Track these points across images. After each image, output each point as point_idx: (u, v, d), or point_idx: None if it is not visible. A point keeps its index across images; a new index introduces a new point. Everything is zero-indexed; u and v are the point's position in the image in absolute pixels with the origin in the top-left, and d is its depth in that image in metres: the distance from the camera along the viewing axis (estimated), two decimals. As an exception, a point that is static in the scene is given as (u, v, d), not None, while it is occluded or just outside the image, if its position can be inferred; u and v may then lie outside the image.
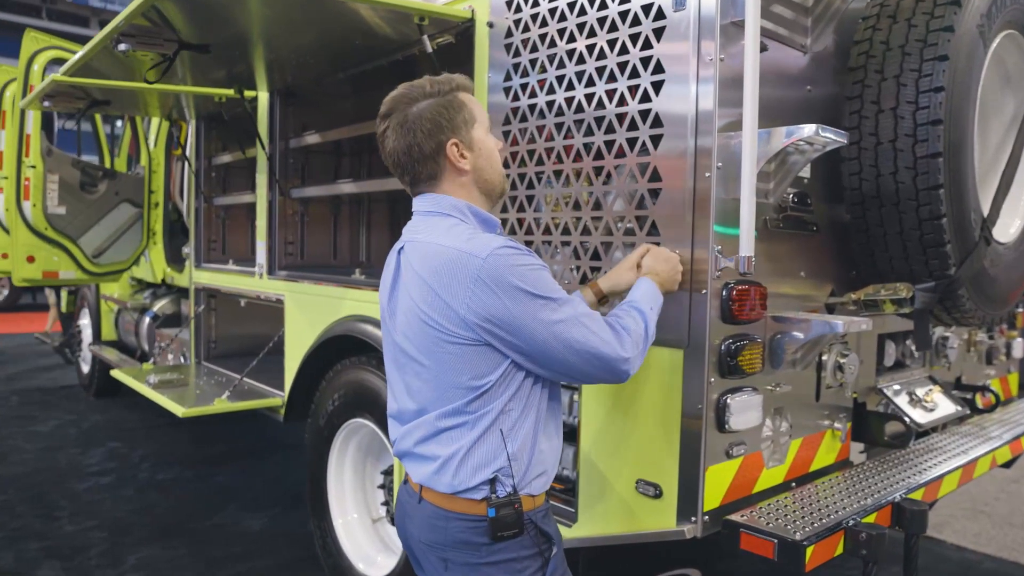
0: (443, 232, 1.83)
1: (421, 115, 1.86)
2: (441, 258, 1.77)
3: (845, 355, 2.78)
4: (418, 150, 1.87)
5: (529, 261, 1.75)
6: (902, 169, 2.50)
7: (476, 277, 1.70)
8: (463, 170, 1.91)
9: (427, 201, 1.94)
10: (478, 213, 1.93)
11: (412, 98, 1.88)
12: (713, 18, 2.27)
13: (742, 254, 2.18)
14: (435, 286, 1.76)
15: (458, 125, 1.89)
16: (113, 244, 6.55)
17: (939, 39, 2.44)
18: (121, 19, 3.05)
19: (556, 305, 1.74)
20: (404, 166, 1.91)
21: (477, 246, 1.74)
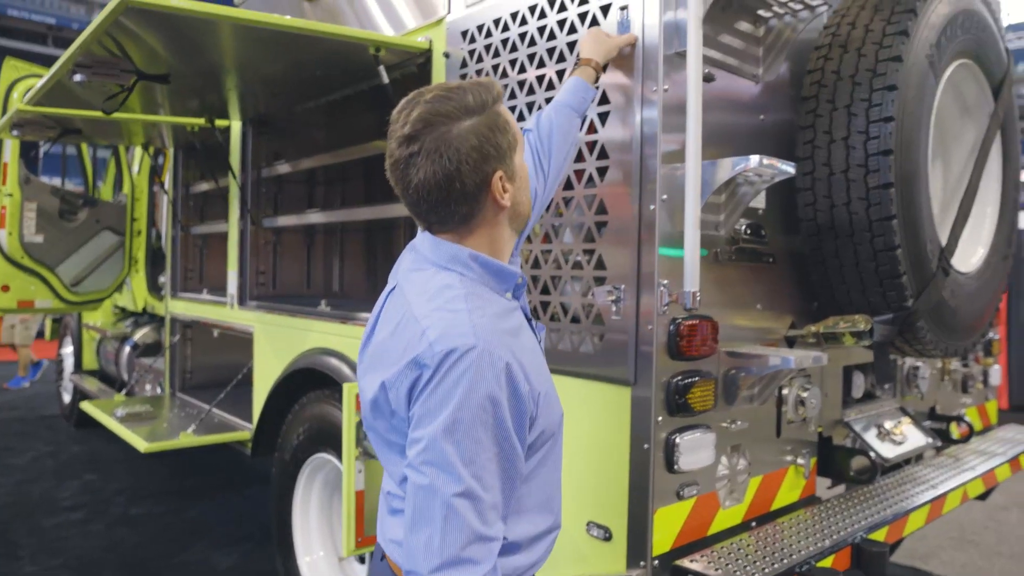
0: (429, 295, 1.47)
1: (467, 140, 1.44)
2: (408, 333, 1.44)
3: (807, 388, 2.72)
4: (460, 186, 1.45)
5: (485, 398, 1.34)
6: (855, 200, 2.46)
7: (425, 379, 1.36)
8: (502, 206, 1.53)
9: (427, 244, 1.56)
10: (489, 264, 1.54)
11: (450, 114, 1.45)
12: (656, 48, 2.24)
13: (687, 289, 2.14)
14: (395, 362, 1.44)
15: (505, 151, 1.51)
16: (93, 272, 6.51)
17: (888, 69, 2.41)
18: (75, 48, 3.02)
19: (459, 471, 1.32)
20: (436, 204, 1.49)
21: (447, 335, 1.37)
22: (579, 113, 2.22)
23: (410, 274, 1.56)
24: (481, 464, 1.33)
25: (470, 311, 1.41)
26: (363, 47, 2.99)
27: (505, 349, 1.39)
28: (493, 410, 1.34)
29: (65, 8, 44.86)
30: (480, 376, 1.34)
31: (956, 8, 2.65)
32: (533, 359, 1.50)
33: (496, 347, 1.37)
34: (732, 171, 2.22)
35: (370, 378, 1.52)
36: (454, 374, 1.33)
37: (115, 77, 3.25)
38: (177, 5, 2.52)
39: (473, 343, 1.35)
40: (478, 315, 1.41)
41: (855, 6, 2.62)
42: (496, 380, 1.35)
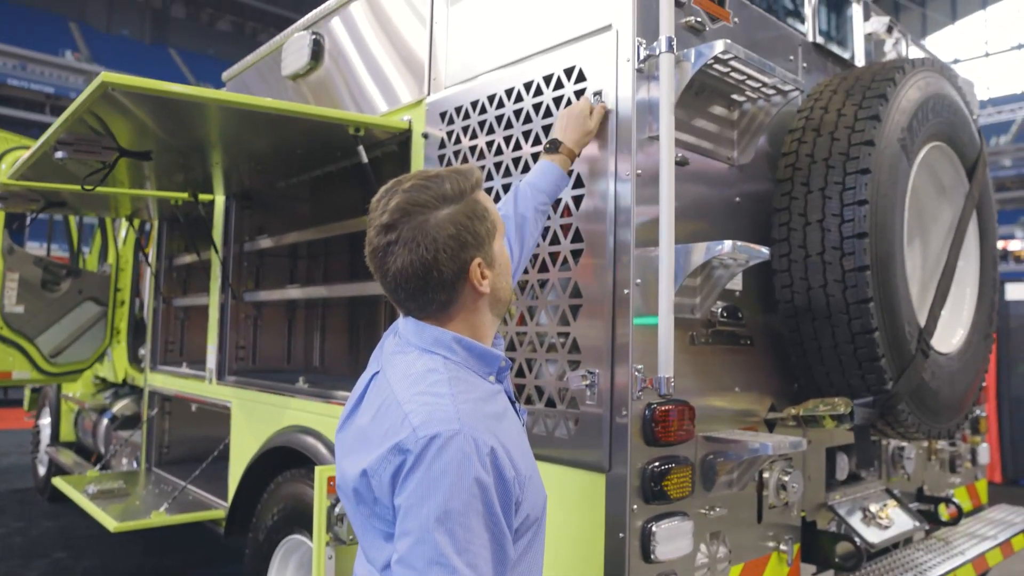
0: (412, 379, 1.45)
1: (444, 228, 1.45)
2: (390, 417, 1.41)
3: (788, 472, 2.67)
4: (438, 275, 1.46)
5: (474, 483, 1.31)
6: (831, 282, 2.45)
7: (409, 466, 1.33)
8: (482, 293, 1.53)
9: (411, 327, 1.55)
10: (473, 348, 1.53)
11: (427, 203, 1.46)
12: (630, 132, 2.25)
13: (661, 375, 2.11)
14: (376, 447, 1.40)
15: (483, 238, 1.51)
16: (74, 343, 6.45)
17: (860, 153, 2.43)
18: (58, 125, 3.04)
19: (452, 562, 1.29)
20: (414, 292, 1.49)
21: (431, 420, 1.35)
22: (552, 200, 2.24)
23: (393, 357, 1.54)
24: (475, 552, 1.30)
25: (454, 395, 1.40)
26: (343, 127, 3.01)
27: (490, 434, 1.37)
28: (482, 496, 1.32)
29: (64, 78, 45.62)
30: (467, 462, 1.32)
31: (927, 93, 2.69)
32: (518, 443, 1.49)
33: (481, 432, 1.36)
34: (707, 255, 2.21)
35: (350, 462, 1.48)
36: (441, 461, 1.31)
37: (97, 154, 3.26)
38: (154, 87, 2.55)
39: (458, 428, 1.33)
40: (462, 399, 1.40)
41: (827, 91, 2.66)
42: (483, 465, 1.33)
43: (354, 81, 3.56)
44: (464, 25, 2.90)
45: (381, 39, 3.41)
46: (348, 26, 3.65)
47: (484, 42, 2.80)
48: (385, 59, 3.36)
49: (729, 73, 2.32)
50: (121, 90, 2.53)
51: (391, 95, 3.29)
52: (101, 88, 2.51)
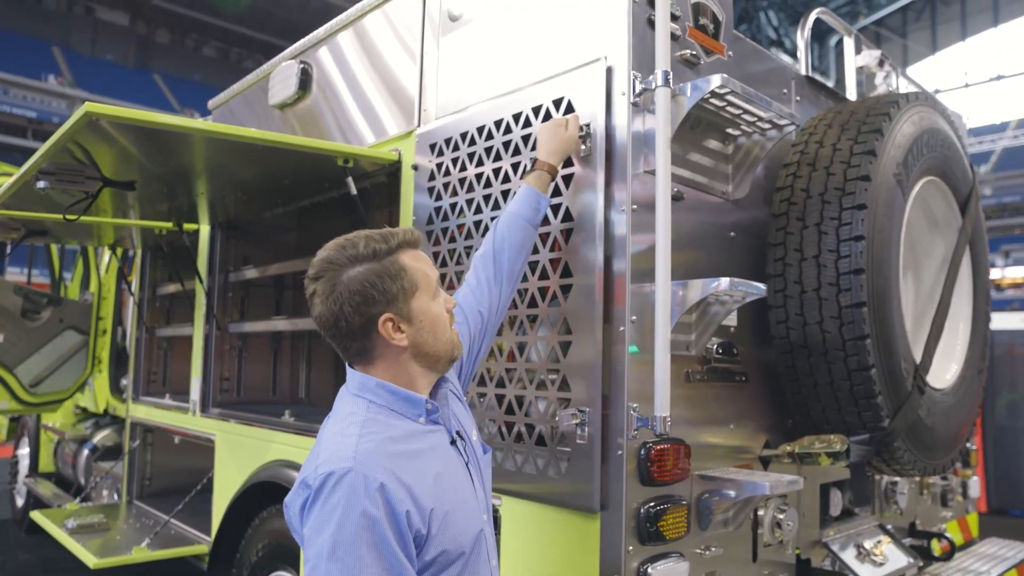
0: (335, 420, 1.65)
1: (349, 285, 1.61)
2: (311, 456, 1.59)
3: (783, 510, 2.62)
4: (345, 325, 1.62)
5: (361, 516, 1.43)
6: (827, 318, 2.43)
7: (311, 500, 1.50)
8: (400, 347, 1.66)
9: (348, 373, 1.73)
10: (396, 392, 1.66)
11: (341, 263, 1.63)
12: (625, 167, 2.23)
13: (658, 414, 2.07)
14: (294, 486, 1.57)
15: (394, 296, 1.63)
16: (54, 372, 6.31)
17: (857, 188, 2.41)
18: (40, 155, 2.98)
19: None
20: (332, 338, 1.68)
21: (331, 458, 1.51)
22: (534, 225, 2.24)
23: (336, 401, 1.71)
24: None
25: (359, 436, 1.55)
26: (331, 158, 2.98)
27: (384, 470, 1.49)
28: (372, 527, 1.43)
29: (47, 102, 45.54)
30: (355, 496, 1.44)
31: (921, 127, 2.69)
32: (432, 480, 1.58)
33: (372, 469, 1.48)
34: (703, 292, 2.18)
35: None
36: (333, 497, 1.45)
37: (80, 184, 3.20)
38: (139, 117, 2.50)
39: (349, 466, 1.47)
40: (367, 440, 1.54)
41: (821, 125, 2.65)
42: (371, 500, 1.45)
43: (342, 111, 3.53)
44: (454, 57, 2.88)
45: (370, 70, 3.38)
46: (336, 56, 3.62)
47: (475, 74, 2.78)
48: (374, 90, 3.34)
49: (725, 107, 2.30)
50: (105, 120, 2.48)
51: (380, 126, 3.26)
52: (85, 118, 2.47)
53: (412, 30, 3.11)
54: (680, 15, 2.40)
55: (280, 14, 46.47)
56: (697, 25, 2.50)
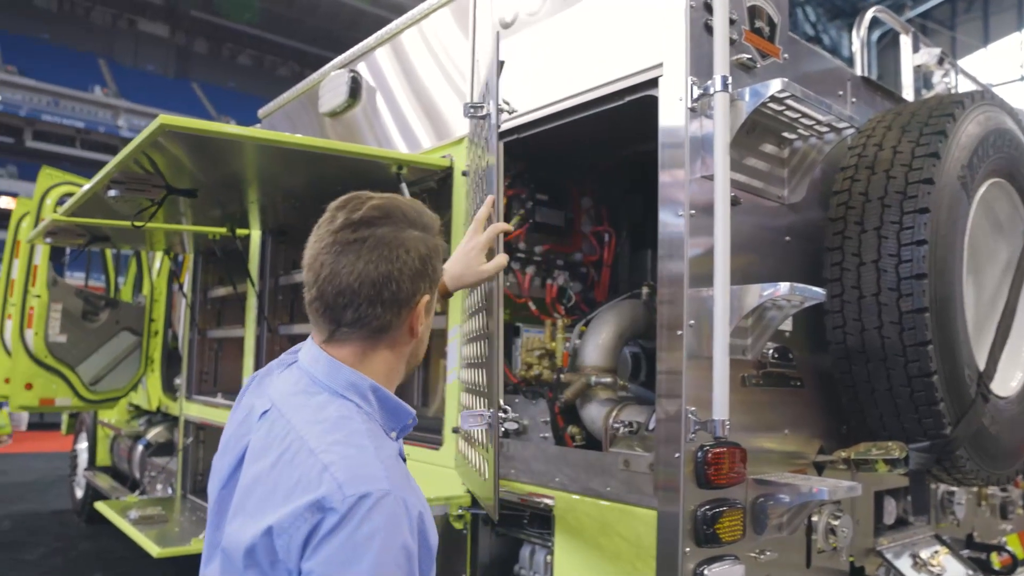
0: (326, 426, 1.29)
1: (417, 247, 1.36)
2: (301, 468, 1.23)
3: (838, 517, 2.59)
4: (393, 290, 1.32)
5: (401, 551, 1.18)
6: (887, 324, 2.40)
7: (331, 527, 1.16)
8: (414, 336, 1.42)
9: (320, 363, 1.38)
10: (386, 400, 1.40)
11: (410, 218, 1.38)
12: (682, 171, 2.23)
13: (716, 417, 2.07)
14: (284, 502, 1.22)
15: (435, 280, 1.41)
16: (111, 371, 6.58)
17: (919, 191, 2.38)
18: (112, 166, 3.10)
19: None
20: (358, 300, 1.33)
21: (358, 476, 1.20)
22: None
23: (295, 397, 1.36)
24: None
25: (376, 449, 1.26)
26: (385, 165, 3.03)
27: (416, 496, 1.25)
28: (408, 565, 1.19)
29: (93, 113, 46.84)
30: (397, 526, 1.18)
31: (987, 128, 2.63)
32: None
33: (409, 494, 1.23)
34: (761, 297, 2.17)
35: (243, 521, 1.27)
36: (370, 524, 1.16)
37: (147, 192, 3.32)
38: (208, 127, 2.59)
39: (388, 488, 1.19)
40: (384, 454, 1.26)
41: (880, 127, 2.61)
42: (411, 531, 1.20)
43: (392, 119, 3.59)
44: (507, 63, 2.90)
45: (420, 78, 3.43)
46: (386, 65, 3.68)
47: (528, 80, 2.80)
48: (424, 97, 3.38)
49: (783, 111, 2.29)
50: (176, 131, 2.56)
51: (430, 132, 3.31)
52: (159, 130, 2.55)
53: (463, 37, 3.15)
54: (736, 19, 2.40)
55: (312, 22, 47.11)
56: (753, 28, 2.49)
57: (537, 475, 2.64)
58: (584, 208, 3.29)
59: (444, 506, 2.77)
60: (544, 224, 3.05)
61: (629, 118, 2.54)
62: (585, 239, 3.28)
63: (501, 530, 2.88)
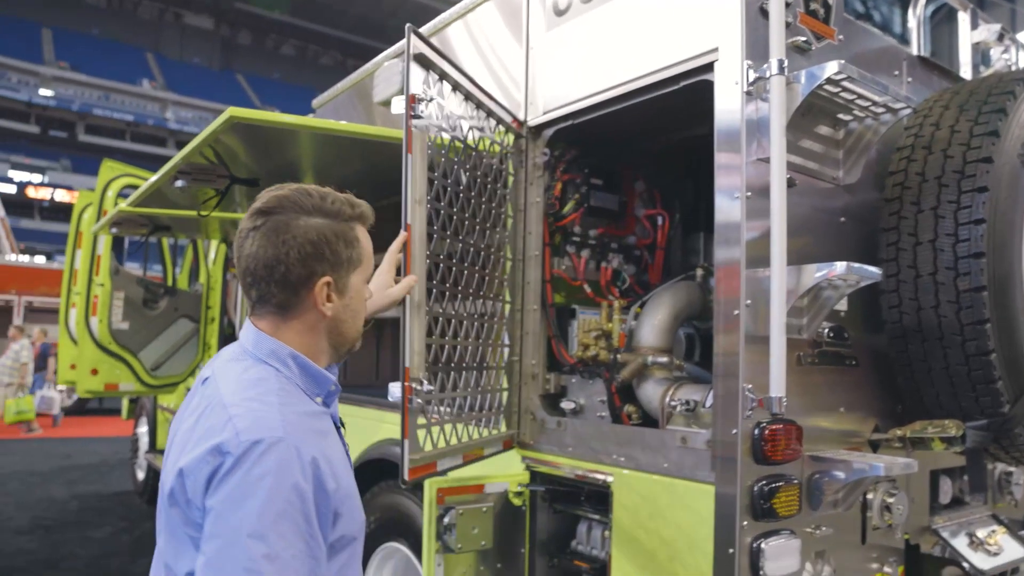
0: (242, 385, 1.45)
1: (306, 233, 1.49)
2: (213, 419, 1.39)
3: (893, 494, 2.62)
4: (283, 272, 1.48)
5: (292, 490, 1.31)
6: (944, 303, 2.41)
7: (228, 468, 1.30)
8: (323, 314, 1.54)
9: (250, 335, 1.55)
10: (307, 367, 1.54)
11: (303, 207, 1.51)
12: (739, 154, 2.27)
13: (773, 394, 2.12)
14: (194, 447, 1.37)
15: (341, 263, 1.54)
16: (171, 357, 6.78)
17: (978, 170, 2.39)
18: (179, 159, 3.23)
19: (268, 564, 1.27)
20: (258, 279, 1.50)
21: (255, 425, 1.35)
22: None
23: (227, 364, 1.53)
24: (286, 562, 1.28)
25: (281, 405, 1.41)
26: (444, 151, 3.10)
27: (312, 445, 1.38)
28: (300, 504, 1.32)
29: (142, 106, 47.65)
30: (287, 468, 1.32)
31: (1050, 106, 2.62)
32: (341, 462, 1.51)
33: (304, 442, 1.37)
34: (817, 277, 2.21)
35: (168, 467, 1.43)
36: (261, 466, 1.30)
37: (211, 182, 3.45)
38: (275, 119, 2.69)
39: (281, 435, 1.34)
40: (289, 410, 1.41)
41: (937, 106, 2.62)
42: (303, 473, 1.33)
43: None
44: (562, 50, 2.96)
45: (474, 65, 3.49)
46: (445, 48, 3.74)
47: (582, 68, 2.85)
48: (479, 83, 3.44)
49: (839, 93, 2.32)
50: (244, 123, 2.67)
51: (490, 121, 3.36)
52: (228, 122, 2.66)
53: (517, 25, 3.20)
54: (792, 2, 2.42)
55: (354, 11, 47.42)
56: (808, 10, 2.51)
57: (594, 453, 2.71)
58: (637, 192, 3.34)
59: (504, 483, 2.86)
60: (598, 208, 3.10)
61: (681, 103, 2.59)
62: (638, 222, 3.33)
63: (558, 507, 2.96)
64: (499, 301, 2.92)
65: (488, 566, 2.84)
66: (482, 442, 2.78)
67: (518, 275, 3.00)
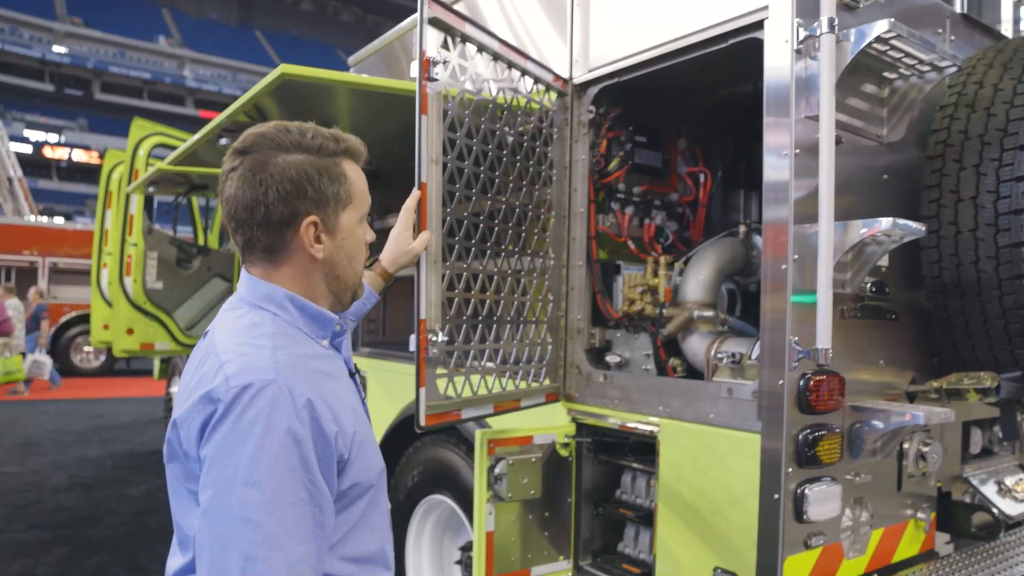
0: (236, 332, 1.41)
1: (284, 170, 1.41)
2: (206, 368, 1.35)
3: (928, 444, 2.72)
4: (264, 213, 1.41)
5: (286, 435, 1.25)
6: (984, 258, 2.48)
7: (219, 416, 1.26)
8: (313, 257, 1.47)
9: (244, 283, 1.50)
10: (306, 307, 1.48)
11: (281, 144, 1.43)
12: (787, 112, 2.33)
13: (819, 346, 2.20)
14: (188, 399, 1.33)
15: (326, 200, 1.46)
16: (205, 316, 6.89)
17: (1020, 128, 2.44)
18: (224, 117, 3.31)
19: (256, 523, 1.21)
20: (241, 223, 1.44)
21: (245, 369, 1.30)
22: (355, 317, 2.17)
23: (224, 314, 1.50)
24: (284, 509, 1.23)
25: (274, 348, 1.36)
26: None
27: (308, 386, 1.32)
28: (297, 449, 1.26)
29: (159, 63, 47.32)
30: (279, 412, 1.26)
31: (1091, 64, 2.66)
32: (347, 404, 1.43)
33: (297, 384, 1.31)
34: (862, 233, 2.28)
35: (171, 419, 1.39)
36: (251, 411, 1.25)
37: (256, 140, 3.51)
38: (328, 77, 2.75)
39: (272, 378, 1.28)
40: (282, 352, 1.36)
41: (981, 65, 2.65)
42: (297, 416, 1.28)
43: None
44: (609, 7, 2.99)
45: (515, 21, 3.52)
46: (475, 11, 3.77)
47: (630, 24, 2.89)
48: (521, 42, 3.48)
49: (887, 51, 2.36)
50: (296, 80, 2.73)
51: (529, 77, 3.41)
52: (279, 79, 2.72)
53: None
54: (840, -40, 2.45)
55: (376, -34, 46.82)
56: (855, -32, 2.54)
57: (639, 405, 2.81)
58: (680, 149, 3.40)
59: (551, 435, 2.96)
60: (642, 165, 3.16)
61: (725, 61, 2.63)
62: (681, 180, 3.40)
63: (603, 458, 3.08)
64: (539, 257, 3.00)
65: (536, 514, 2.95)
66: (518, 393, 2.87)
67: (563, 231, 3.07)
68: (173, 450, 1.35)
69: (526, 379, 2.92)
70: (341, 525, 1.40)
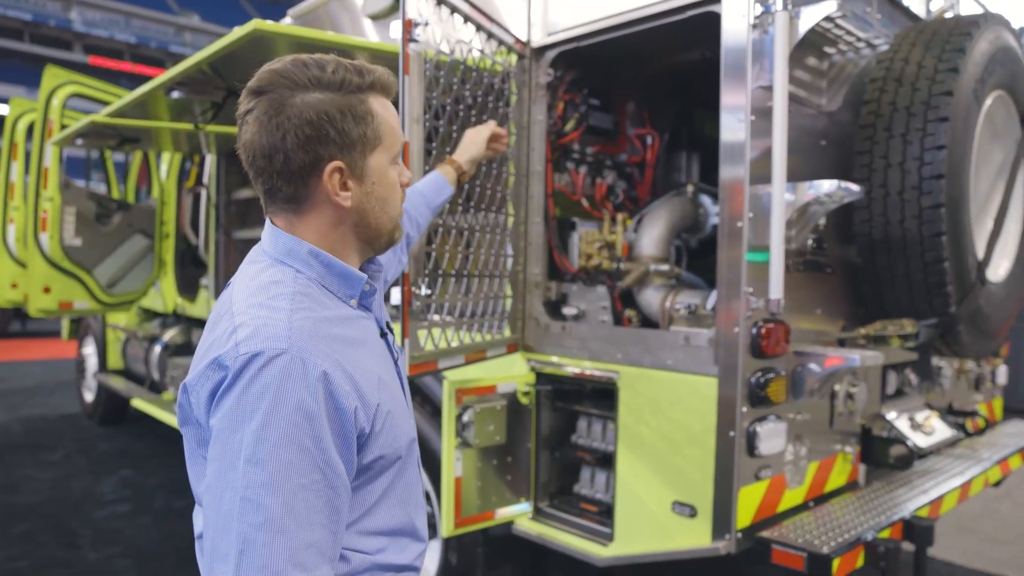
0: (253, 290, 1.28)
1: (302, 112, 1.24)
2: (219, 329, 1.24)
3: (855, 385, 3.03)
4: (283, 161, 1.26)
5: (296, 411, 1.14)
6: (908, 218, 2.77)
7: (227, 384, 1.16)
8: (340, 206, 1.31)
9: (267, 234, 1.36)
10: (332, 264, 1.33)
11: (298, 82, 1.26)
12: (744, 82, 2.53)
13: (772, 296, 2.44)
14: (199, 361, 1.23)
15: (352, 142, 1.29)
16: (126, 274, 6.67)
17: (940, 102, 2.72)
18: (177, 72, 3.27)
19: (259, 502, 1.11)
20: (259, 171, 1.29)
21: (256, 335, 1.18)
22: (432, 205, 2.25)
23: (244, 267, 1.37)
24: (292, 492, 1.12)
25: (292, 311, 1.22)
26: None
27: (325, 356, 1.20)
28: (308, 427, 1.14)
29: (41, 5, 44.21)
30: (289, 385, 1.14)
31: (995, 45, 2.97)
32: (372, 373, 1.30)
33: (313, 353, 1.18)
34: (809, 193, 2.52)
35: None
36: (259, 383, 1.14)
37: (208, 94, 3.50)
38: (302, 34, 2.78)
39: (284, 347, 1.16)
40: (300, 316, 1.22)
41: (906, 43, 2.92)
42: (310, 391, 1.16)
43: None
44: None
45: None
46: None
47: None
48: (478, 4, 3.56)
49: (831, 29, 2.59)
50: (268, 35, 2.76)
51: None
52: (252, 34, 2.74)
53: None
54: (789, -59, 2.65)
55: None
56: (800, -51, 2.75)
57: (598, 353, 3.01)
58: (629, 112, 3.58)
59: (514, 383, 3.13)
60: (595, 127, 3.33)
61: (677, 30, 2.81)
62: (629, 141, 3.58)
63: (559, 404, 3.28)
64: (501, 214, 3.13)
65: (499, 460, 3.13)
66: (484, 345, 3.04)
67: (522, 189, 3.22)
68: (186, 414, 1.26)
69: (490, 332, 3.07)
70: (365, 499, 1.31)
